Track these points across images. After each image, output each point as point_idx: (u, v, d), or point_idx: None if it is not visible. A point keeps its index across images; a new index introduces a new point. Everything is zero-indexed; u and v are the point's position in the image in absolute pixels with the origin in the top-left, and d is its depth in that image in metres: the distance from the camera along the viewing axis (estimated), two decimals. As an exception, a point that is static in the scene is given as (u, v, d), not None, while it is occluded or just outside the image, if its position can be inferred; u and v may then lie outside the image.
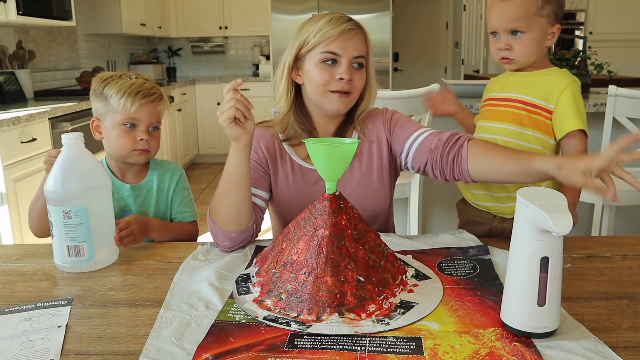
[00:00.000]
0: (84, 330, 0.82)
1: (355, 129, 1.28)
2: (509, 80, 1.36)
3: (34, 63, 3.62)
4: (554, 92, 1.27)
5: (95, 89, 1.29)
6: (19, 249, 1.18)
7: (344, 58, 1.17)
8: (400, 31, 6.38)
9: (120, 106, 1.25)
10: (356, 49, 1.18)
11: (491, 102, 1.38)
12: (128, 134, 1.27)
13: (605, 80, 2.73)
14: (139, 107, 1.26)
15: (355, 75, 1.19)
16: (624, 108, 1.95)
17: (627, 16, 5.72)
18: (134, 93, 1.26)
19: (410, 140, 1.23)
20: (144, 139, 1.28)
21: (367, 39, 1.23)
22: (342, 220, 0.89)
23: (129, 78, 1.29)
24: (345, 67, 1.17)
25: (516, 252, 0.78)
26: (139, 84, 1.28)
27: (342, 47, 1.17)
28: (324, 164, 0.91)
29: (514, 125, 1.30)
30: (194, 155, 5.77)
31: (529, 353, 0.73)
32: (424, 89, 1.99)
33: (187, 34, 6.08)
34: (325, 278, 0.84)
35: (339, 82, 1.17)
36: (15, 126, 2.40)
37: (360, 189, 1.26)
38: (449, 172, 1.16)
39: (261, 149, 1.26)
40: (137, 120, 1.27)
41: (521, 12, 1.24)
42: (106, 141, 1.31)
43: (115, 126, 1.27)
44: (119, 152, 1.29)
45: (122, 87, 1.26)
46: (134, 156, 1.30)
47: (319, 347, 0.75)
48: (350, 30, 1.18)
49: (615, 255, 1.08)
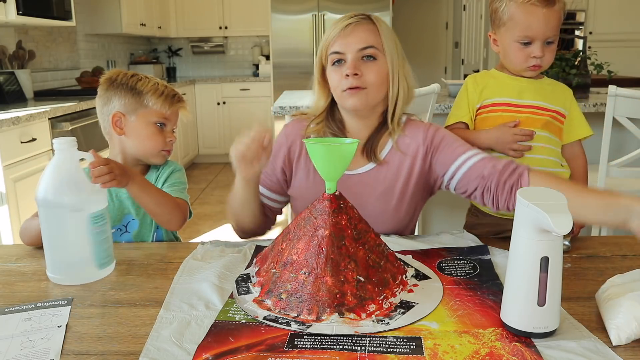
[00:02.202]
0: (84, 330, 0.82)
1: (391, 135, 1.21)
2: (523, 86, 1.36)
3: (34, 63, 3.62)
4: (566, 98, 1.35)
5: (121, 82, 1.27)
6: (19, 249, 1.18)
7: (349, 54, 1.14)
8: (400, 31, 6.36)
9: (158, 105, 1.26)
10: (360, 41, 1.13)
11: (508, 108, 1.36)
12: (160, 133, 1.28)
13: (605, 80, 2.73)
14: (173, 109, 1.29)
15: (364, 68, 1.13)
16: (624, 108, 1.94)
17: (627, 16, 5.72)
18: (170, 95, 1.29)
19: (458, 162, 1.16)
20: (171, 140, 1.30)
21: (379, 28, 1.16)
22: (342, 220, 0.89)
23: (155, 79, 1.31)
24: (350, 62, 1.13)
25: (516, 252, 0.78)
26: (171, 88, 1.31)
27: (344, 44, 1.14)
28: (324, 164, 0.91)
29: (545, 131, 1.34)
30: (194, 155, 5.77)
31: (529, 353, 0.73)
32: (424, 89, 1.99)
33: (187, 34, 6.08)
34: (325, 278, 0.84)
35: (347, 79, 1.13)
36: (15, 126, 2.40)
37: (379, 204, 1.21)
38: (503, 201, 1.10)
39: (283, 151, 1.26)
40: (167, 121, 1.30)
41: (557, 21, 1.24)
42: (131, 138, 1.28)
43: (147, 124, 1.27)
44: (147, 150, 1.28)
45: (158, 87, 1.28)
46: (160, 156, 1.30)
47: (319, 347, 0.75)
48: (349, 25, 1.14)
49: (615, 255, 1.08)
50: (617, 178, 2.04)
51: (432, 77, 5.88)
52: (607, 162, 1.98)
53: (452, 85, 2.62)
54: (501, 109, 1.37)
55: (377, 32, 1.15)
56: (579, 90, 2.58)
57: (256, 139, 1.06)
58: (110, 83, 1.28)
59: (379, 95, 1.17)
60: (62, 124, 2.80)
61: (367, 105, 1.16)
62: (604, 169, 1.99)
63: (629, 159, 2.01)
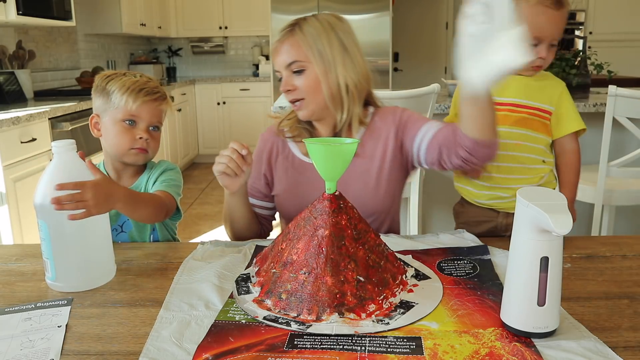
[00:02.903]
0: (84, 330, 0.82)
1: (362, 124, 1.27)
2: (506, 83, 1.36)
3: (34, 63, 3.63)
4: (554, 94, 1.35)
5: (97, 85, 1.27)
6: (19, 249, 1.18)
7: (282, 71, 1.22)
8: (400, 31, 6.37)
9: (122, 102, 1.23)
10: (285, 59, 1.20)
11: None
12: (127, 131, 1.24)
13: (605, 80, 2.73)
14: (140, 105, 1.24)
15: (297, 81, 1.21)
16: (624, 108, 1.94)
17: (627, 16, 5.72)
18: (136, 90, 1.24)
19: (420, 135, 1.22)
20: (143, 138, 1.25)
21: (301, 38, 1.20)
22: (342, 220, 0.89)
23: (132, 76, 1.27)
24: (283, 80, 1.22)
25: (516, 252, 0.78)
26: (143, 82, 1.26)
27: (276, 63, 1.22)
28: (324, 164, 0.91)
29: (521, 128, 1.35)
30: (194, 155, 5.77)
31: (528, 353, 0.73)
32: (424, 89, 1.99)
33: (187, 34, 6.08)
34: (325, 278, 0.84)
35: (287, 94, 1.23)
36: (15, 126, 2.41)
37: (358, 185, 1.26)
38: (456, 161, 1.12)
39: (264, 157, 1.34)
40: (137, 117, 1.25)
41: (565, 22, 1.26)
42: (104, 139, 1.28)
43: (114, 123, 1.24)
44: (117, 149, 1.26)
45: (125, 83, 1.24)
46: (131, 155, 1.26)
47: (319, 347, 0.75)
48: (276, 43, 1.22)
49: (615, 255, 1.08)
50: (617, 178, 2.04)
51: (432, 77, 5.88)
52: (607, 162, 1.98)
53: (452, 85, 2.61)
54: None
55: (299, 43, 1.20)
56: (579, 90, 2.58)
57: (234, 152, 1.10)
58: (93, 87, 1.29)
59: (320, 99, 1.22)
60: (62, 124, 2.80)
61: (313, 112, 1.24)
62: (604, 169, 1.98)
63: (629, 159, 2.01)
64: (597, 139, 2.04)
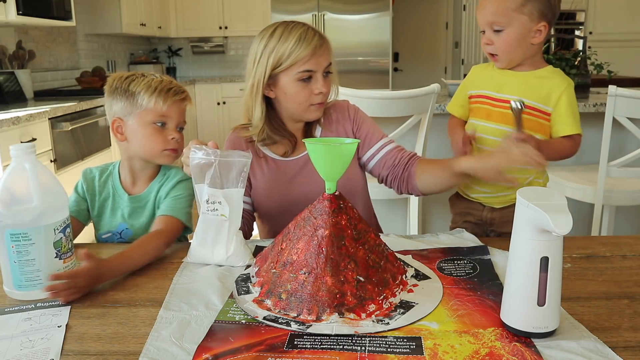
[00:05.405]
0: (84, 330, 0.82)
1: (319, 122, 1.35)
2: (506, 79, 1.36)
3: (33, 63, 3.62)
4: (553, 94, 1.32)
5: (116, 87, 1.22)
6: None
7: (319, 72, 1.24)
8: (400, 31, 6.38)
9: (152, 104, 1.19)
10: (326, 60, 1.26)
11: (486, 101, 1.38)
12: (159, 133, 1.21)
13: (605, 80, 2.73)
14: (170, 105, 1.21)
15: (327, 84, 1.27)
16: (624, 108, 1.94)
17: (627, 16, 5.72)
18: (165, 90, 1.21)
19: (376, 147, 1.33)
20: (175, 138, 1.22)
21: (330, 47, 1.29)
22: (342, 220, 0.89)
23: (153, 76, 1.24)
24: (322, 80, 1.25)
25: (516, 252, 0.78)
26: (168, 82, 1.24)
27: (316, 64, 1.23)
28: (324, 164, 0.91)
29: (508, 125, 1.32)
30: (194, 155, 5.77)
31: (528, 353, 0.73)
32: (424, 89, 1.99)
33: (187, 34, 6.08)
34: (325, 278, 0.84)
35: (319, 95, 1.25)
36: (15, 126, 2.40)
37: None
38: (404, 188, 1.30)
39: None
40: (168, 118, 1.22)
41: (500, 8, 1.29)
42: (131, 142, 1.23)
43: (145, 125, 1.21)
44: (149, 152, 1.23)
45: (151, 84, 1.21)
46: (164, 156, 1.23)
47: (319, 347, 0.75)
48: (321, 46, 1.24)
49: (615, 255, 1.08)
50: (617, 178, 2.04)
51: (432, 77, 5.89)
52: (607, 162, 1.98)
53: (452, 85, 2.62)
54: (480, 100, 1.40)
55: (330, 50, 1.28)
56: (579, 90, 2.57)
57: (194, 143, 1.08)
58: (109, 90, 1.24)
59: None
60: (62, 124, 2.80)
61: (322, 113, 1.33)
62: (604, 169, 1.98)
63: (629, 159, 2.01)
64: (597, 139, 2.04)
